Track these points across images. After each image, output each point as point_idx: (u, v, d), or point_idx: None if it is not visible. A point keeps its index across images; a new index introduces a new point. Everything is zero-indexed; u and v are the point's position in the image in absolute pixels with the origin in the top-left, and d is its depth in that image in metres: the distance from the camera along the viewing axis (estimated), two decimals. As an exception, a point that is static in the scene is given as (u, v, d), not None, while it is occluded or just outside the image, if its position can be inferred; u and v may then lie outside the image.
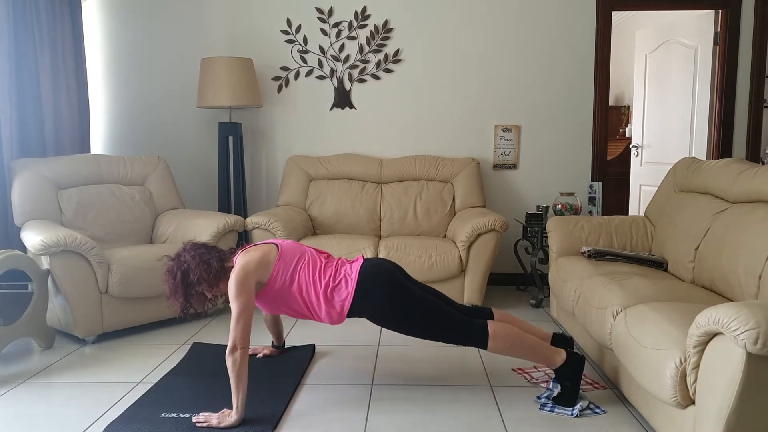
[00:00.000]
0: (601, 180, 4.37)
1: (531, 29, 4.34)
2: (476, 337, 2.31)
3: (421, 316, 2.32)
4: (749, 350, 1.55)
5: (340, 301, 2.34)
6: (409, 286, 2.36)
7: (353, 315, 2.38)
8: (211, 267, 2.36)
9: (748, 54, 4.27)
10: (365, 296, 2.33)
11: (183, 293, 2.36)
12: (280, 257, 2.37)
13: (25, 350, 3.08)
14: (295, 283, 2.36)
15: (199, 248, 2.42)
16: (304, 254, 2.43)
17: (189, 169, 4.53)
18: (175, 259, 2.40)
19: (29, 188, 3.37)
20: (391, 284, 2.33)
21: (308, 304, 2.37)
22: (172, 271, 2.37)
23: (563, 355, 2.35)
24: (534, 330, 2.54)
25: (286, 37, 4.40)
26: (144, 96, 4.48)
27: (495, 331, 2.31)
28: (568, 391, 2.34)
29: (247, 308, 2.22)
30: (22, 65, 3.53)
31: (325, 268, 2.41)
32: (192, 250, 2.40)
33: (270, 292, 2.36)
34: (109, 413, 2.34)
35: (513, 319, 2.55)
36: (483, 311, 2.55)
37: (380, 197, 4.20)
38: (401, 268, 2.52)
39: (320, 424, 2.25)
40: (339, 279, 2.37)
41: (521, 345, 2.32)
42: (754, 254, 2.28)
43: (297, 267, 2.37)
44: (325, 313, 2.37)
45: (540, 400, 2.42)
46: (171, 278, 2.37)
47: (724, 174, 2.77)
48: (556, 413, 2.31)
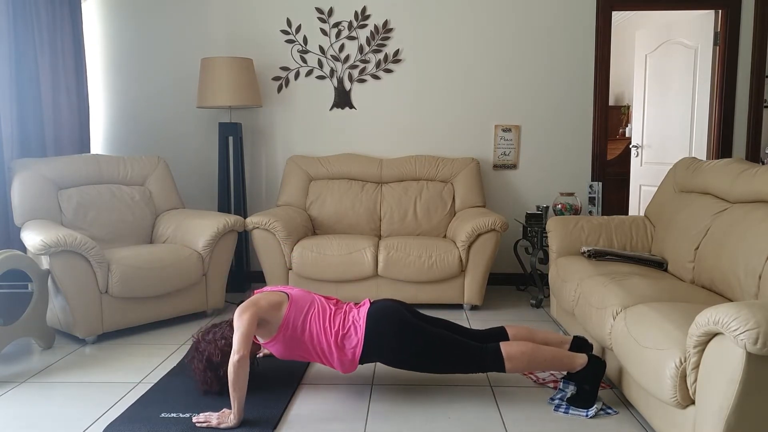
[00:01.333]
0: (601, 180, 4.37)
1: (531, 29, 4.34)
2: (491, 363, 2.32)
3: (433, 351, 2.32)
4: (749, 350, 1.55)
5: (351, 348, 2.34)
6: (417, 324, 2.35)
7: (366, 361, 2.38)
8: (227, 339, 2.41)
9: (748, 54, 4.27)
10: (375, 341, 2.33)
11: (215, 378, 2.42)
12: (292, 304, 2.37)
13: (25, 350, 3.08)
14: (307, 332, 2.35)
15: (209, 331, 2.49)
16: (314, 302, 2.43)
17: (189, 169, 4.53)
18: (194, 354, 2.46)
19: (29, 188, 3.37)
20: (398, 325, 2.33)
21: (320, 352, 2.37)
22: (197, 366, 2.43)
23: (584, 359, 2.35)
24: (550, 337, 2.51)
25: (286, 37, 4.40)
26: (144, 96, 4.48)
27: (509, 352, 2.31)
28: (587, 394, 2.33)
29: (251, 323, 2.22)
30: (22, 65, 3.53)
31: (335, 315, 2.40)
32: (203, 337, 2.47)
33: (282, 339, 2.35)
34: (109, 413, 2.34)
35: (528, 333, 2.51)
36: (496, 332, 2.52)
37: (380, 197, 4.20)
38: (408, 305, 2.52)
39: (320, 424, 2.25)
40: (348, 326, 2.36)
41: (538, 359, 2.32)
42: (754, 254, 2.28)
43: (308, 315, 2.37)
44: (338, 361, 2.37)
45: (554, 401, 2.41)
46: (200, 372, 2.43)
47: (724, 174, 2.77)
48: (571, 414, 2.31)
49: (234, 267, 4.22)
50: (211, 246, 3.53)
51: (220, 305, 3.69)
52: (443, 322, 2.52)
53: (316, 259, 3.65)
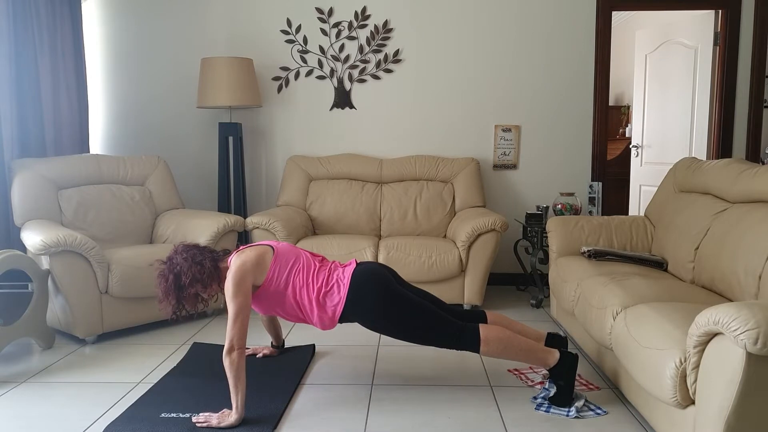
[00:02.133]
0: (601, 180, 4.37)
1: (531, 29, 4.34)
2: (468, 342, 2.31)
3: (412, 320, 2.31)
4: (749, 350, 1.55)
5: (332, 306, 2.34)
6: (400, 291, 2.35)
7: (345, 320, 2.38)
8: (204, 267, 2.36)
9: (748, 54, 4.27)
10: (357, 301, 2.32)
11: (175, 295, 2.36)
12: (276, 259, 2.37)
13: (25, 350, 3.08)
14: (290, 287, 2.35)
15: (191, 249, 2.42)
16: (299, 257, 2.43)
17: (189, 169, 4.53)
18: (167, 263, 2.40)
19: (29, 188, 3.37)
20: (383, 289, 2.32)
21: (301, 307, 2.37)
22: (164, 274, 2.37)
23: (556, 354, 2.35)
24: (528, 331, 2.54)
25: (286, 37, 4.40)
26: (144, 96, 4.48)
27: (487, 335, 2.31)
28: (563, 391, 2.34)
29: (244, 308, 2.22)
30: (22, 65, 3.53)
31: (319, 272, 2.40)
32: (184, 251, 2.40)
33: (265, 293, 2.36)
34: (109, 413, 2.34)
35: (507, 321, 2.54)
36: (477, 314, 2.54)
37: (380, 197, 4.20)
38: (394, 271, 2.51)
39: (320, 424, 2.25)
40: (331, 284, 2.36)
41: (513, 348, 2.32)
42: (754, 254, 2.28)
43: (292, 270, 2.37)
44: (317, 318, 2.37)
45: (536, 400, 2.42)
46: (163, 281, 2.37)
47: (724, 174, 2.77)
48: (552, 413, 2.31)
49: (234, 267, 4.22)
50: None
51: (220, 305, 3.68)
52: (426, 294, 2.53)
53: (316, 259, 3.65)
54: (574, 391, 2.35)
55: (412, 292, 2.48)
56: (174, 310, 2.39)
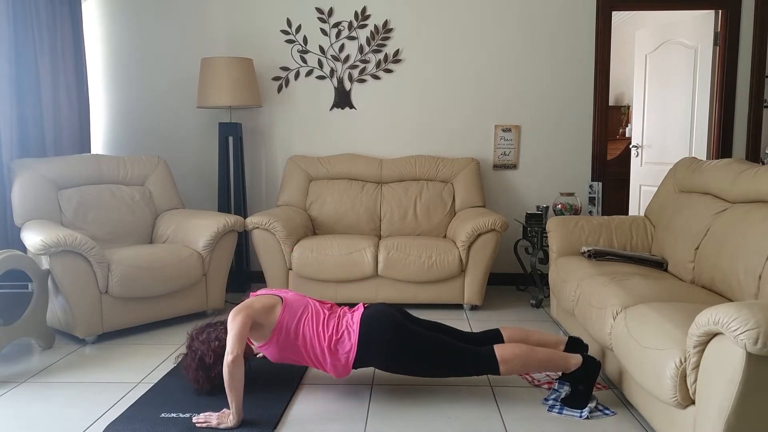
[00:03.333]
0: (601, 180, 4.37)
1: (531, 29, 4.34)
2: (485, 366, 2.31)
3: (426, 355, 2.32)
4: (749, 350, 1.55)
5: (345, 353, 2.34)
6: (410, 327, 2.35)
7: (360, 366, 2.38)
8: (222, 342, 2.40)
9: (748, 54, 4.27)
10: (368, 346, 2.32)
11: (206, 378, 2.42)
12: (285, 308, 2.37)
13: (25, 350, 3.08)
14: (300, 336, 2.35)
15: (204, 330, 2.48)
16: (307, 306, 2.43)
17: (189, 169, 4.53)
18: (187, 353, 2.46)
19: (29, 188, 3.37)
20: (392, 329, 2.32)
21: (313, 357, 2.37)
22: (189, 365, 2.43)
23: (578, 359, 2.34)
24: (546, 338, 2.51)
25: (286, 37, 4.40)
26: (144, 96, 4.48)
27: (503, 355, 2.30)
28: (581, 394, 2.33)
29: (245, 324, 2.22)
30: (22, 65, 3.53)
31: (328, 320, 2.40)
32: (198, 336, 2.46)
33: (275, 342, 2.35)
34: (109, 413, 2.34)
35: (523, 334, 2.51)
36: (491, 335, 2.52)
37: (380, 197, 4.20)
38: (403, 309, 2.51)
39: (320, 424, 2.25)
40: (341, 331, 2.36)
41: (533, 361, 2.32)
42: (754, 254, 2.28)
43: (301, 319, 2.37)
44: (331, 366, 2.37)
45: (548, 401, 2.41)
46: (191, 371, 2.43)
47: (724, 174, 2.77)
48: (565, 415, 2.31)
49: (234, 267, 4.22)
50: (211, 246, 3.53)
51: (220, 305, 3.69)
52: (437, 325, 2.52)
53: (316, 259, 3.65)
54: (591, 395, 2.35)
55: (421, 326, 2.47)
56: (211, 389, 2.45)
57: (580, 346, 2.49)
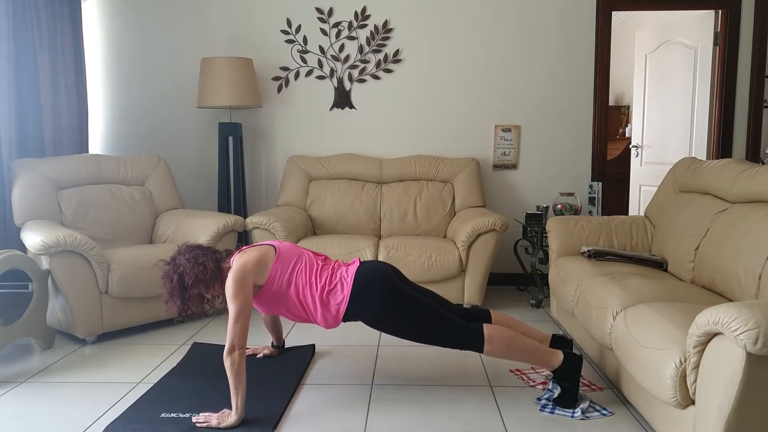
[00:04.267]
0: (601, 180, 4.37)
1: (531, 29, 4.34)
2: (472, 341, 2.31)
3: (417, 319, 2.31)
4: (749, 350, 1.55)
5: (336, 304, 2.34)
6: (405, 289, 2.34)
7: (349, 319, 2.38)
8: (206, 268, 2.37)
9: (748, 54, 4.27)
10: (360, 300, 2.32)
11: (180, 296, 2.37)
12: (278, 258, 2.37)
13: (25, 350, 3.08)
14: (293, 286, 2.35)
15: (193, 250, 2.42)
16: (301, 256, 2.43)
17: (189, 169, 4.53)
18: (170, 263, 2.41)
19: (29, 188, 3.37)
20: (387, 287, 2.32)
21: (305, 306, 2.37)
22: (168, 275, 2.38)
23: (560, 356, 2.34)
24: (532, 332, 2.53)
25: (286, 37, 4.40)
26: (144, 96, 4.47)
27: (491, 334, 2.30)
28: (568, 393, 2.33)
29: (245, 309, 2.21)
30: (22, 65, 3.53)
31: (322, 270, 2.40)
32: (187, 252, 2.41)
33: (267, 293, 2.36)
34: (109, 413, 2.34)
35: (511, 321, 2.53)
36: (481, 313, 2.54)
37: (380, 197, 4.20)
38: (398, 270, 2.51)
39: (320, 424, 2.25)
40: (335, 282, 2.36)
41: (518, 348, 2.31)
42: (754, 254, 2.28)
43: (294, 269, 2.37)
44: (321, 316, 2.36)
45: (540, 401, 2.41)
46: (168, 282, 2.38)
47: (724, 174, 2.77)
48: (557, 415, 2.31)
49: (234, 267, 4.22)
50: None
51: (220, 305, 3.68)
52: (431, 293, 2.52)
53: (316, 259, 3.65)
54: (579, 392, 2.35)
55: (416, 290, 2.48)
56: (180, 311, 2.40)
57: (564, 343, 2.50)
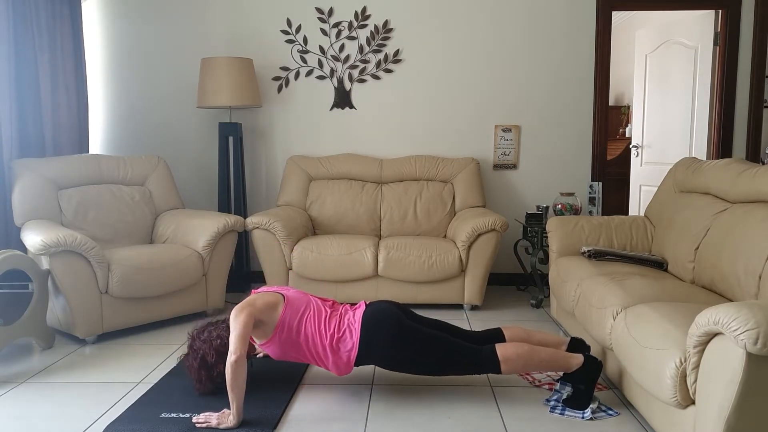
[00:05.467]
0: (601, 180, 4.37)
1: (531, 29, 4.34)
2: (487, 365, 2.31)
3: (429, 354, 2.32)
4: (749, 350, 1.55)
5: (346, 351, 2.34)
6: (412, 326, 2.35)
7: (362, 363, 2.38)
8: (224, 340, 2.39)
9: (748, 54, 4.27)
10: (370, 344, 2.33)
11: (208, 377, 2.41)
12: (287, 306, 2.37)
13: (25, 350, 3.07)
14: (302, 334, 2.35)
15: (205, 330, 2.47)
16: (309, 304, 2.43)
17: (189, 169, 4.53)
18: (189, 353, 2.45)
19: (29, 188, 3.37)
20: (394, 328, 2.32)
21: (315, 354, 2.37)
22: (191, 365, 2.43)
23: (580, 359, 2.34)
24: (548, 338, 2.51)
25: (286, 37, 4.40)
26: (144, 96, 4.47)
27: (504, 354, 2.30)
28: (582, 395, 2.32)
29: (248, 324, 2.21)
30: (22, 65, 3.53)
31: (330, 318, 2.40)
32: (199, 335, 2.45)
33: (278, 340, 2.35)
34: (109, 413, 2.34)
35: (525, 334, 2.51)
36: (492, 334, 2.52)
37: (380, 197, 4.20)
38: (405, 307, 2.51)
39: (320, 424, 2.25)
40: (343, 329, 2.36)
41: (535, 360, 2.31)
42: (754, 254, 2.28)
43: (303, 317, 2.37)
44: (332, 364, 2.37)
45: (549, 402, 2.40)
46: (194, 371, 2.43)
47: (725, 174, 2.77)
48: (567, 416, 2.31)
49: (234, 267, 4.22)
50: (211, 246, 3.53)
51: (220, 305, 3.69)
52: (439, 323, 2.52)
53: (316, 259, 3.65)
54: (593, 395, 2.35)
55: (423, 324, 2.47)
56: (214, 388, 2.44)
57: (582, 346, 2.49)
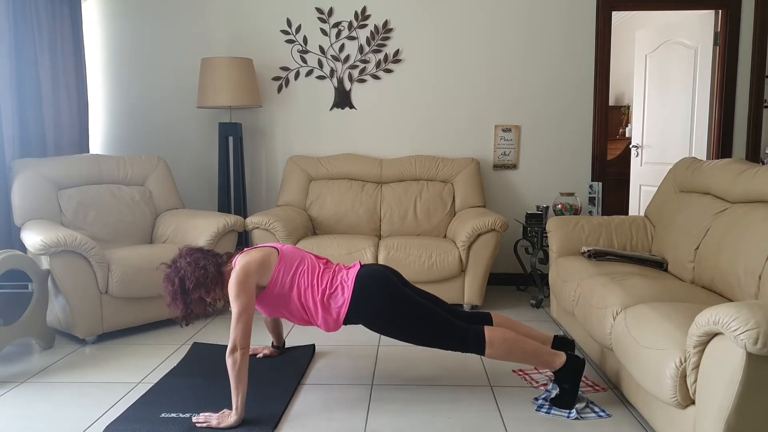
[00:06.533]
0: (601, 180, 4.37)
1: (531, 29, 4.34)
2: (473, 344, 2.31)
3: (417, 322, 2.31)
4: (749, 350, 1.55)
5: (336, 307, 2.34)
6: (405, 292, 2.35)
7: (350, 322, 2.38)
8: (207, 271, 2.35)
9: (748, 54, 4.27)
10: (361, 303, 2.32)
11: (182, 300, 2.36)
12: (281, 260, 2.37)
13: (25, 350, 3.08)
14: (295, 288, 2.35)
15: (194, 253, 2.41)
16: (303, 259, 2.43)
17: (189, 169, 4.53)
18: (171, 266, 2.40)
19: (29, 188, 3.37)
20: (387, 290, 2.32)
21: (306, 309, 2.37)
22: (170, 278, 2.37)
23: (563, 357, 2.34)
24: (534, 333, 2.53)
25: (286, 37, 4.40)
26: (144, 96, 4.47)
27: (492, 336, 2.30)
28: (567, 394, 2.33)
29: (248, 309, 2.21)
30: (22, 65, 3.53)
31: (323, 273, 2.40)
32: (188, 255, 2.40)
33: (270, 295, 2.36)
34: (109, 413, 2.34)
35: (512, 323, 2.53)
36: (482, 316, 2.53)
37: (380, 197, 4.20)
38: (398, 273, 2.51)
39: (320, 424, 2.25)
40: (336, 285, 2.36)
41: (519, 350, 2.31)
42: (754, 254, 2.28)
43: (297, 271, 2.37)
44: (322, 319, 2.37)
45: (537, 401, 2.41)
46: (169, 285, 2.37)
47: (724, 174, 2.77)
48: (553, 415, 2.31)
49: (234, 267, 4.22)
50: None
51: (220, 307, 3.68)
52: (432, 296, 2.53)
53: (316, 259, 3.65)
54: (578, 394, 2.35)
55: (416, 294, 2.48)
56: (182, 315, 2.39)
57: (566, 344, 2.50)
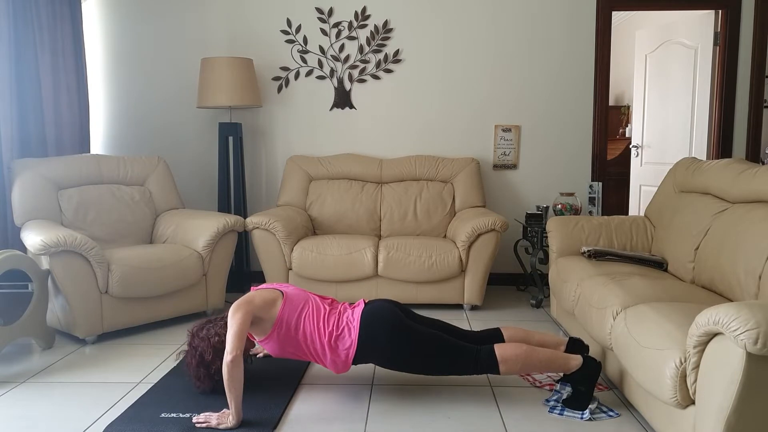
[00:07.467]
0: (601, 180, 4.37)
1: (531, 29, 4.34)
2: (486, 365, 2.31)
3: (427, 354, 2.32)
4: (749, 350, 1.55)
5: (345, 349, 2.34)
6: (411, 325, 2.35)
7: (360, 362, 2.38)
8: (221, 337, 2.40)
9: (748, 54, 4.27)
10: (369, 343, 2.32)
11: (207, 375, 2.41)
12: (286, 303, 2.36)
13: (25, 350, 3.08)
14: (301, 331, 2.35)
15: (203, 327, 2.47)
16: (308, 301, 2.42)
17: (189, 169, 4.53)
18: (188, 350, 2.46)
19: (29, 188, 3.37)
20: (392, 327, 2.32)
21: (313, 352, 2.37)
22: (190, 362, 2.44)
23: (578, 360, 2.34)
24: (546, 339, 2.51)
25: (286, 37, 4.40)
26: (144, 96, 4.48)
27: (503, 354, 2.30)
28: (582, 395, 2.32)
29: (245, 322, 2.22)
30: (22, 65, 3.53)
31: (329, 315, 2.40)
32: (198, 332, 2.46)
33: (276, 337, 2.35)
34: (109, 413, 2.34)
35: (524, 334, 2.51)
36: (492, 334, 2.52)
37: (380, 197, 4.20)
38: (403, 306, 2.52)
39: (320, 424, 2.25)
40: (342, 327, 2.36)
41: (533, 361, 2.31)
42: (754, 254, 2.28)
43: (302, 314, 2.37)
44: (330, 361, 2.37)
45: (549, 403, 2.40)
46: (192, 368, 2.43)
47: (724, 174, 2.77)
48: (566, 416, 2.31)
49: (234, 267, 4.22)
50: (211, 246, 3.53)
51: (220, 305, 3.69)
52: (438, 323, 2.52)
53: (316, 259, 3.65)
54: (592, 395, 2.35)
55: (422, 324, 2.47)
56: (213, 385, 2.44)
57: (580, 347, 2.49)
